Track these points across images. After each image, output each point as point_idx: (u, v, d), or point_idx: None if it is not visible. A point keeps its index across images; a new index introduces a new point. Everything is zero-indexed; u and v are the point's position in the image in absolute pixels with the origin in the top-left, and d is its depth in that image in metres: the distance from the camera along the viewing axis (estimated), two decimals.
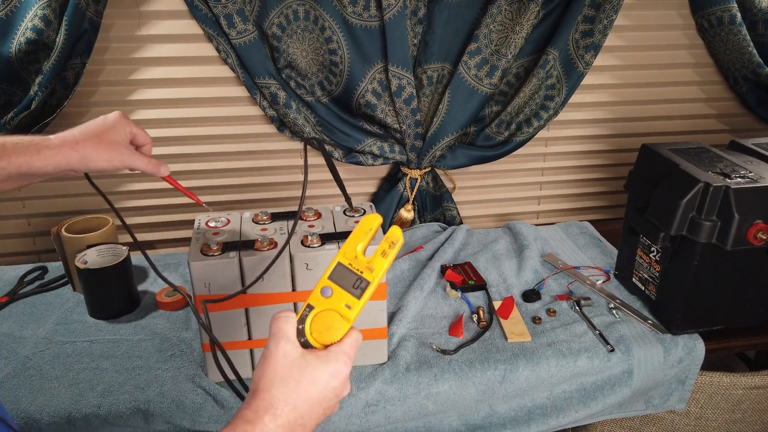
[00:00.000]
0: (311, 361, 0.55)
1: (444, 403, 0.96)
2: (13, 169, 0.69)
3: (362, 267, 0.59)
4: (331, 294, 0.59)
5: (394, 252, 0.59)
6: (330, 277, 0.59)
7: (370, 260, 0.59)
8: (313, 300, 0.59)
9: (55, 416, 0.88)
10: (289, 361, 0.55)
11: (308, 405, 0.54)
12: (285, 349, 0.55)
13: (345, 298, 0.58)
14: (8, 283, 1.20)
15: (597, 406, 1.02)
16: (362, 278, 0.59)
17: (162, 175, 0.81)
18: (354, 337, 0.58)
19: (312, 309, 0.58)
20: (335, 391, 0.56)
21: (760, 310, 1.07)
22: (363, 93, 1.29)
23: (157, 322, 1.08)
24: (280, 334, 0.56)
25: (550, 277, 1.23)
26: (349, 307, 0.58)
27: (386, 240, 0.60)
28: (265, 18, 1.21)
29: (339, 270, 0.59)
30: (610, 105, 1.50)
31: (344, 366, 0.57)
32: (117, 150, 0.75)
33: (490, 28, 1.26)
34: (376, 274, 0.59)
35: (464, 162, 1.40)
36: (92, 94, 1.27)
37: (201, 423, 0.90)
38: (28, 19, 1.06)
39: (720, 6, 1.35)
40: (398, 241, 0.60)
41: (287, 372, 0.54)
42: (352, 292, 0.59)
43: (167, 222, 1.43)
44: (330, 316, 0.58)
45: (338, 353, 0.57)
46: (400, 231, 0.60)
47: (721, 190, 0.94)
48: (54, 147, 0.71)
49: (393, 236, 0.60)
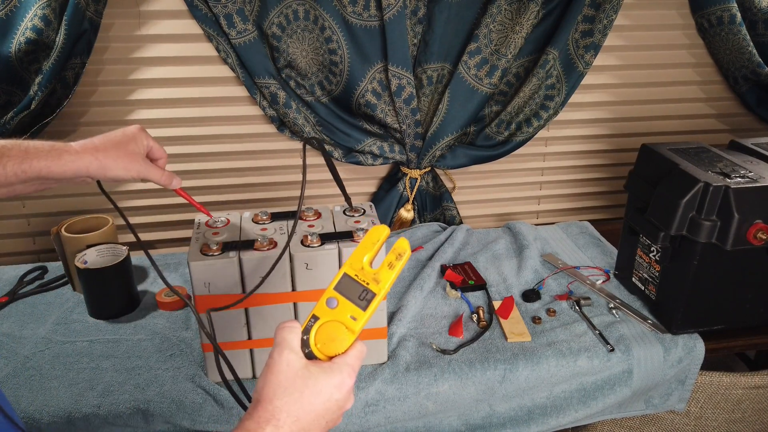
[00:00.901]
0: (315, 372, 0.55)
1: (444, 403, 0.96)
2: (33, 172, 0.70)
3: (368, 278, 0.58)
4: (336, 305, 0.58)
5: (401, 264, 0.59)
6: (336, 288, 0.59)
7: (377, 272, 0.59)
8: (318, 311, 0.58)
9: (55, 416, 0.88)
10: (293, 371, 0.54)
11: (311, 417, 0.53)
12: (289, 359, 0.54)
13: (350, 310, 0.58)
14: (8, 282, 1.20)
15: (597, 406, 1.02)
16: (368, 290, 0.58)
17: (174, 187, 0.85)
18: (359, 349, 0.58)
19: (317, 320, 0.58)
20: (338, 403, 0.56)
21: (760, 310, 1.07)
22: (363, 93, 1.29)
23: (157, 322, 1.08)
24: (284, 344, 0.55)
25: (550, 276, 1.23)
26: (354, 318, 0.57)
27: (393, 252, 0.59)
28: (265, 18, 1.21)
29: (345, 281, 0.59)
30: (610, 105, 1.50)
31: (348, 378, 0.56)
32: (135, 161, 0.78)
33: (490, 28, 1.26)
34: (382, 285, 0.58)
35: (464, 162, 1.40)
36: (92, 94, 1.27)
37: (201, 423, 0.90)
38: (27, 19, 1.06)
39: (720, 6, 1.35)
40: (405, 253, 0.59)
41: (290, 383, 0.53)
42: (357, 303, 0.58)
43: (167, 222, 1.43)
44: (335, 327, 0.57)
45: (342, 365, 0.56)
46: (407, 243, 0.59)
47: (721, 189, 0.94)
48: (75, 153, 0.73)
49: (400, 248, 0.59)
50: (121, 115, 1.30)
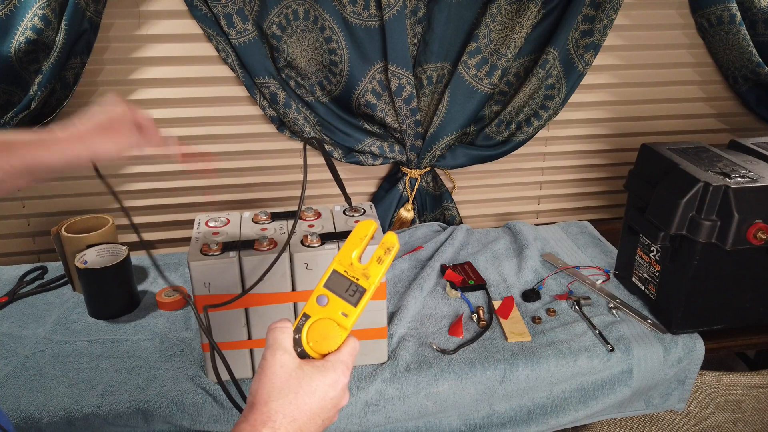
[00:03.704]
0: (309, 371, 0.55)
1: (444, 402, 0.96)
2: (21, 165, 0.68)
3: (358, 274, 0.58)
4: (327, 302, 0.58)
5: (390, 258, 0.59)
6: (325, 285, 0.58)
7: (366, 267, 0.58)
8: (308, 309, 0.58)
9: (54, 416, 0.88)
10: (287, 372, 0.54)
11: (307, 417, 0.53)
12: (282, 360, 0.54)
13: (341, 306, 0.57)
14: (8, 283, 1.20)
15: (597, 406, 1.02)
16: (358, 285, 0.58)
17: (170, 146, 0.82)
18: (351, 345, 0.58)
19: (308, 318, 0.57)
20: (334, 401, 0.56)
21: (759, 309, 1.07)
22: (363, 93, 1.29)
23: (157, 322, 1.08)
24: (276, 344, 0.55)
25: (549, 276, 1.23)
26: (345, 315, 0.57)
27: (381, 246, 0.59)
28: (264, 18, 1.21)
29: (334, 278, 0.58)
30: (610, 104, 1.50)
31: (342, 376, 0.56)
32: (124, 134, 0.75)
33: (490, 28, 1.26)
34: (372, 280, 0.58)
35: (464, 161, 1.40)
36: (92, 93, 1.27)
37: (201, 423, 0.90)
38: (27, 19, 1.06)
39: (720, 5, 1.34)
40: (394, 247, 0.59)
41: (285, 383, 0.53)
42: (348, 299, 0.58)
43: (167, 222, 1.43)
44: (326, 324, 0.57)
45: (336, 363, 0.56)
46: (395, 237, 0.59)
47: (721, 189, 0.94)
48: (62, 141, 0.70)
49: (388, 242, 0.59)
50: None
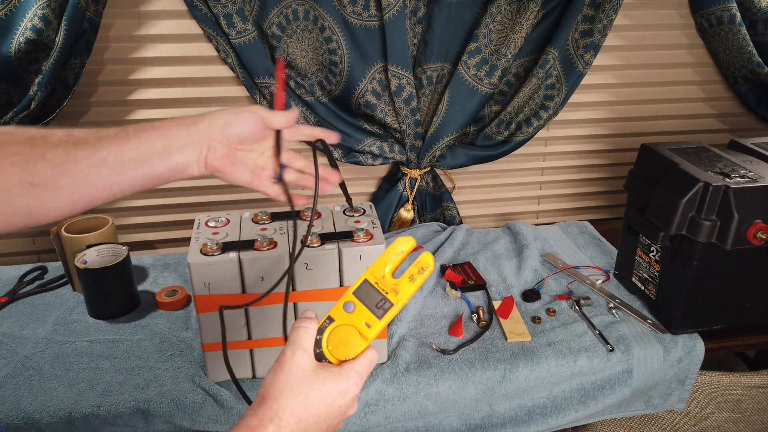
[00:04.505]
0: (323, 376, 0.55)
1: (444, 402, 0.96)
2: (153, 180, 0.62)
3: (388, 288, 0.58)
4: (353, 309, 0.58)
5: (422, 278, 0.59)
6: (355, 292, 0.58)
7: (397, 282, 0.58)
8: (334, 313, 0.58)
9: (54, 416, 0.88)
10: (302, 372, 0.55)
11: (313, 420, 0.54)
12: (300, 359, 0.55)
13: (366, 316, 0.58)
14: (8, 283, 1.20)
15: (597, 406, 1.02)
16: (387, 299, 0.58)
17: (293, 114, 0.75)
18: (369, 357, 0.58)
19: (332, 321, 0.58)
20: (341, 409, 0.56)
21: (759, 309, 1.07)
22: (363, 93, 1.29)
23: (156, 322, 1.08)
24: (297, 343, 0.56)
25: (549, 276, 1.23)
26: (369, 325, 0.57)
27: (416, 265, 0.59)
28: (264, 18, 1.21)
29: (365, 287, 0.59)
30: (610, 104, 1.50)
31: (354, 386, 0.56)
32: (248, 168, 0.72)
33: (490, 28, 1.26)
34: (401, 297, 0.58)
35: (464, 162, 1.40)
36: (92, 93, 1.27)
37: (201, 423, 0.90)
38: (27, 19, 1.06)
39: (720, 5, 1.35)
40: (428, 267, 0.59)
41: (298, 383, 0.54)
42: (374, 311, 0.58)
43: (167, 222, 1.43)
44: (348, 331, 0.57)
45: (351, 372, 0.56)
46: (431, 258, 0.59)
47: (721, 189, 0.94)
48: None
49: (423, 262, 0.59)
50: (121, 115, 1.30)
